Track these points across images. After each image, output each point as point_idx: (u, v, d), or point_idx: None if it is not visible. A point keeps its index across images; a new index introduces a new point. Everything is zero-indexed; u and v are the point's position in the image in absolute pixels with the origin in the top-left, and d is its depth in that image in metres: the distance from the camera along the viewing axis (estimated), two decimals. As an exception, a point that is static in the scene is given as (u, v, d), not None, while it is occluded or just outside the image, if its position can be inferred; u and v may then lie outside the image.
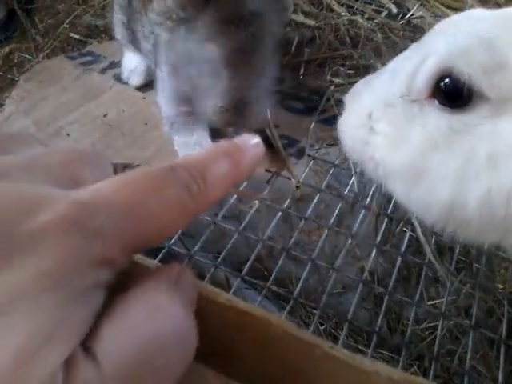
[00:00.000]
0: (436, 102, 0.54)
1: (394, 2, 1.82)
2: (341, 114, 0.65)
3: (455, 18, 0.59)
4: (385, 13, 1.76)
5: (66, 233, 0.27)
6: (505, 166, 0.50)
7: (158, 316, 0.29)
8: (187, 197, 0.31)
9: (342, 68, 1.45)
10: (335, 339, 1.03)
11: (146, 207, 0.30)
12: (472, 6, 1.75)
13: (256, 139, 0.36)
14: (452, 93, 0.52)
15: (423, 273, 0.96)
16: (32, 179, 0.30)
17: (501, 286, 1.07)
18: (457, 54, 0.52)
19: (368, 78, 0.66)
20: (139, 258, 0.41)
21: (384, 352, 0.99)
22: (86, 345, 0.27)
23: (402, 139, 0.56)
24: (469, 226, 0.54)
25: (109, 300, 0.29)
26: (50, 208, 0.27)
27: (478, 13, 0.58)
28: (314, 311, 0.91)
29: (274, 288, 0.83)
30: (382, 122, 0.59)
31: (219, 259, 0.84)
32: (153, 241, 0.31)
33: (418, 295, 0.86)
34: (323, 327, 1.03)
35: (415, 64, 0.56)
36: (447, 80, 0.53)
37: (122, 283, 0.30)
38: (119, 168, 1.12)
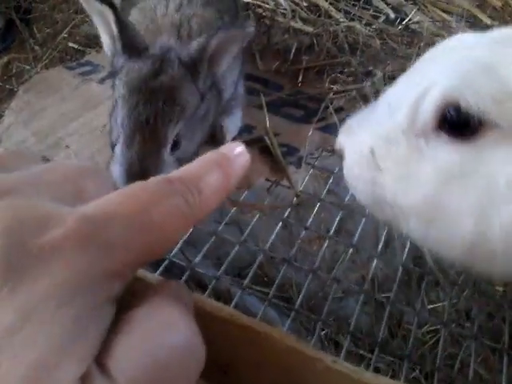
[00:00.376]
0: (443, 134, 0.51)
1: (392, 8, 1.82)
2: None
3: (448, 44, 0.57)
4: (382, 18, 1.76)
5: (76, 246, 0.27)
6: None
7: (168, 330, 0.30)
8: (186, 207, 0.32)
9: (340, 75, 1.45)
10: (337, 345, 1.03)
11: (149, 218, 0.30)
12: (469, 12, 1.75)
13: (240, 147, 0.37)
14: (459, 123, 0.50)
15: (424, 280, 0.96)
16: (39, 195, 0.31)
17: (501, 289, 1.07)
18: (462, 85, 0.49)
19: (360, 113, 0.63)
20: (139, 272, 0.41)
21: (385, 356, 0.99)
22: (100, 361, 0.27)
23: (412, 176, 0.53)
24: (494, 259, 0.51)
25: (115, 315, 0.30)
26: (60, 223, 0.28)
27: (472, 37, 0.56)
28: (314, 316, 0.91)
29: (276, 300, 0.83)
30: (386, 160, 0.55)
31: (220, 270, 0.84)
32: (157, 252, 0.32)
33: (419, 304, 0.86)
34: (324, 332, 1.02)
35: (416, 96, 0.53)
36: (453, 111, 0.50)
37: (124, 298, 0.31)
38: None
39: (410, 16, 1.76)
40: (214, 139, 1.28)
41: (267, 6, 1.71)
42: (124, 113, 1.02)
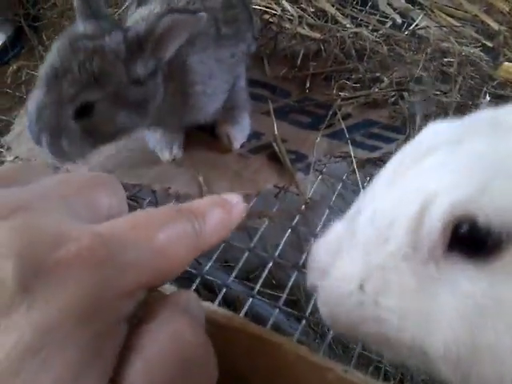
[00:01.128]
0: (457, 255, 0.41)
1: (399, 13, 1.82)
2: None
3: (427, 141, 0.47)
4: (389, 23, 1.76)
5: (90, 265, 0.28)
6: None
7: (182, 346, 0.31)
8: (192, 232, 0.34)
9: (347, 82, 1.46)
10: (345, 347, 1.04)
11: (158, 243, 0.32)
12: (476, 17, 1.75)
13: (238, 197, 0.40)
14: (477, 240, 0.40)
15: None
16: (52, 210, 0.31)
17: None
18: (477, 193, 0.39)
19: (328, 236, 0.51)
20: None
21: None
22: (115, 381, 0.28)
23: (432, 312, 0.42)
24: None
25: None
26: (73, 241, 0.28)
27: (449, 128, 0.48)
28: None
29: (285, 306, 0.84)
30: (387, 294, 0.44)
31: (231, 278, 0.84)
32: (166, 275, 0.33)
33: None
34: (332, 335, 1.03)
35: (413, 212, 0.43)
36: (467, 227, 0.40)
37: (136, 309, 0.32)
38: (129, 188, 1.12)
39: (416, 21, 1.75)
40: (221, 147, 1.28)
41: (274, 11, 1.71)
42: (47, 59, 1.00)
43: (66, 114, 0.96)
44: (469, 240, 0.40)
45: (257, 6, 1.70)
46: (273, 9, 1.72)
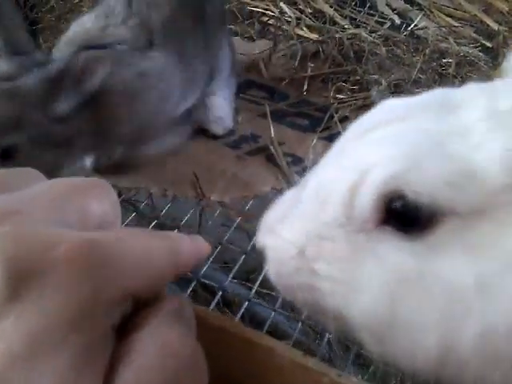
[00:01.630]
0: (388, 228, 0.42)
1: (397, 13, 1.82)
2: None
3: (377, 116, 0.48)
4: (388, 24, 1.75)
5: (80, 273, 0.27)
6: (501, 289, 0.39)
7: (171, 356, 0.30)
8: (172, 250, 0.35)
9: (345, 84, 1.45)
10: (346, 347, 1.03)
11: (144, 252, 0.32)
12: (475, 16, 1.75)
13: (200, 237, 0.40)
14: (407, 215, 0.40)
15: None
16: (41, 215, 0.31)
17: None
18: (406, 169, 0.40)
19: (280, 204, 0.51)
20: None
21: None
22: None
23: (356, 282, 0.43)
24: (466, 370, 0.41)
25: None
26: (62, 249, 0.28)
27: (403, 104, 0.47)
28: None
29: (282, 310, 0.84)
30: (322, 262, 0.44)
31: (228, 280, 0.84)
32: (150, 287, 0.33)
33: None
34: (329, 336, 1.03)
35: (349, 184, 0.43)
36: (398, 201, 0.40)
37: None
38: (124, 192, 1.12)
39: (415, 22, 1.75)
40: (221, 149, 1.28)
41: (272, 13, 1.71)
42: None
43: None
44: (402, 215, 0.40)
45: (255, 8, 1.70)
46: (271, 11, 1.72)
